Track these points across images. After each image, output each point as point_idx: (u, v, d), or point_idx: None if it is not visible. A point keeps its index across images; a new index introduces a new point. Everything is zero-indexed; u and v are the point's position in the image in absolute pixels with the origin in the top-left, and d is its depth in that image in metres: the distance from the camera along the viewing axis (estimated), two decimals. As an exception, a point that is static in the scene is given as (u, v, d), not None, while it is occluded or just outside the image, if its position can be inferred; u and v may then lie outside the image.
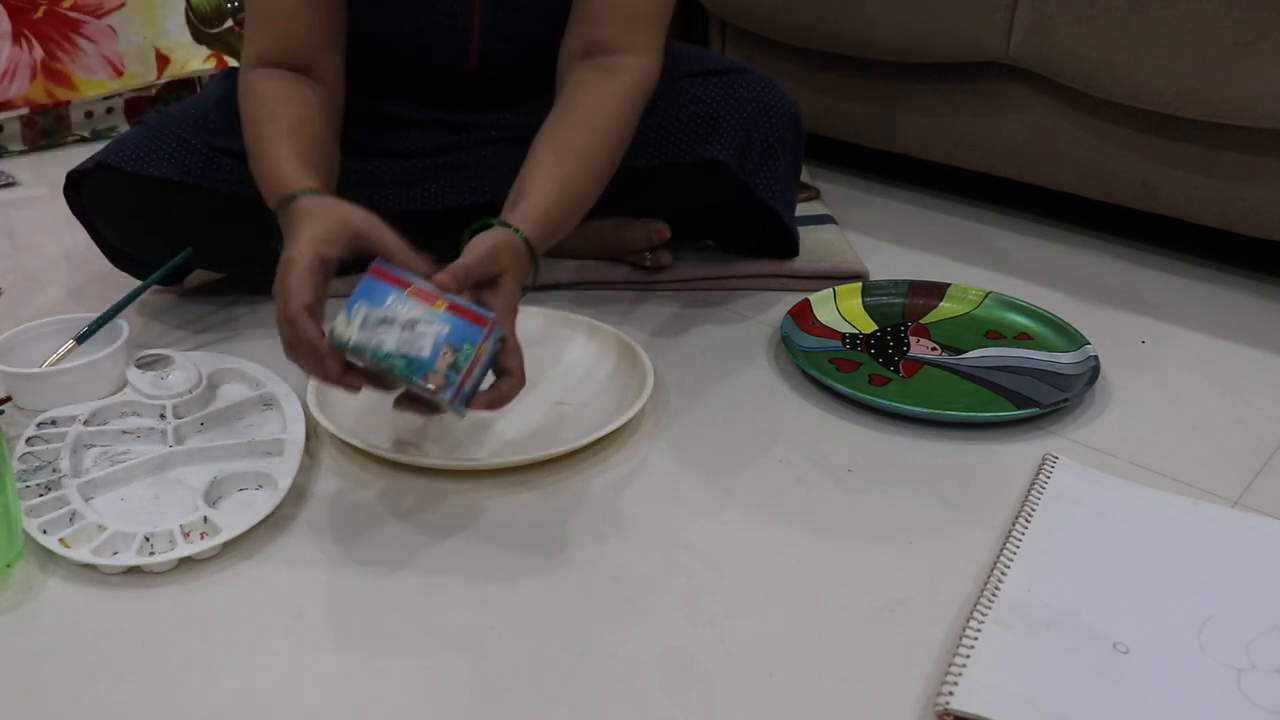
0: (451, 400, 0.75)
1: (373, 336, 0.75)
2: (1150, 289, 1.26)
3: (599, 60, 0.99)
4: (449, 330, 0.75)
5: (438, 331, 0.75)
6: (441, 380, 0.74)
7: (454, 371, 0.74)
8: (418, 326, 0.75)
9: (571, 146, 0.94)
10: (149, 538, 0.79)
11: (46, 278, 1.25)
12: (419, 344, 0.75)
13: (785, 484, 0.89)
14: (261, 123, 0.93)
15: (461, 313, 0.76)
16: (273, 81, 0.96)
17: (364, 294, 0.77)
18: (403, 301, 0.76)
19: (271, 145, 0.91)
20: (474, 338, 0.75)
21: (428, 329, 0.75)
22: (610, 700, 0.68)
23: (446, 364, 0.74)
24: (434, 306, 0.76)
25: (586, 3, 1.01)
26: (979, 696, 0.66)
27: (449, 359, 0.74)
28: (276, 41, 0.98)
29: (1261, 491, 0.89)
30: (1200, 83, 1.16)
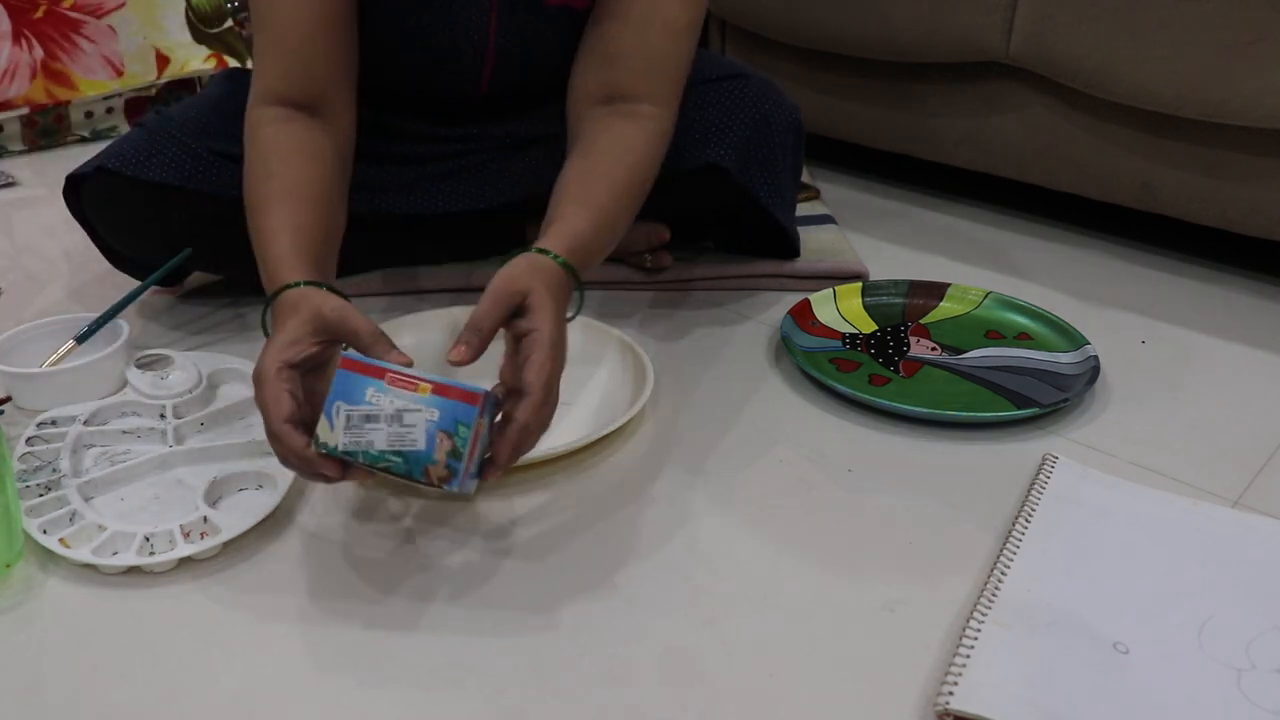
0: (457, 491, 0.70)
1: (360, 437, 0.70)
2: (1150, 289, 1.26)
3: (618, 107, 0.97)
4: (439, 415, 0.69)
5: (428, 419, 0.69)
6: (444, 472, 0.69)
7: (454, 459, 0.69)
8: (405, 417, 0.69)
9: (601, 176, 0.91)
10: (149, 538, 0.79)
11: (46, 278, 1.25)
12: (411, 436, 0.69)
13: (785, 484, 0.89)
14: (260, 183, 0.87)
15: (448, 393, 0.69)
16: (279, 128, 0.91)
17: (340, 393, 0.70)
18: (383, 392, 0.70)
19: (267, 217, 0.85)
20: (467, 418, 0.69)
21: (416, 418, 0.69)
22: (610, 700, 0.68)
23: (445, 452, 0.69)
24: (418, 392, 0.69)
25: (604, 44, 0.98)
26: (979, 696, 0.66)
27: (446, 446, 0.69)
28: (288, 73, 0.93)
29: (1261, 491, 0.89)
30: (1200, 83, 1.16)
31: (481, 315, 0.75)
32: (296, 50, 0.93)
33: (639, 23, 0.97)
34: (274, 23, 0.93)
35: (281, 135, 0.91)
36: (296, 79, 0.93)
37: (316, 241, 0.85)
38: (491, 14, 1.04)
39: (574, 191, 0.89)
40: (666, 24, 0.97)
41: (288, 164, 0.89)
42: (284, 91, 0.93)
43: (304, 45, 0.93)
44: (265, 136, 0.91)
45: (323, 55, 0.94)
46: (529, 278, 0.78)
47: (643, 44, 0.97)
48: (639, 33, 0.97)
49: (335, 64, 0.95)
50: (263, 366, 0.73)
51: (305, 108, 0.93)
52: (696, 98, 1.11)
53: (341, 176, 0.94)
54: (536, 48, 1.07)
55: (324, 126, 0.94)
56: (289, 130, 0.91)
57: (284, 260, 0.81)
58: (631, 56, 0.97)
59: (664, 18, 0.97)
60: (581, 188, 0.90)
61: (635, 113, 0.97)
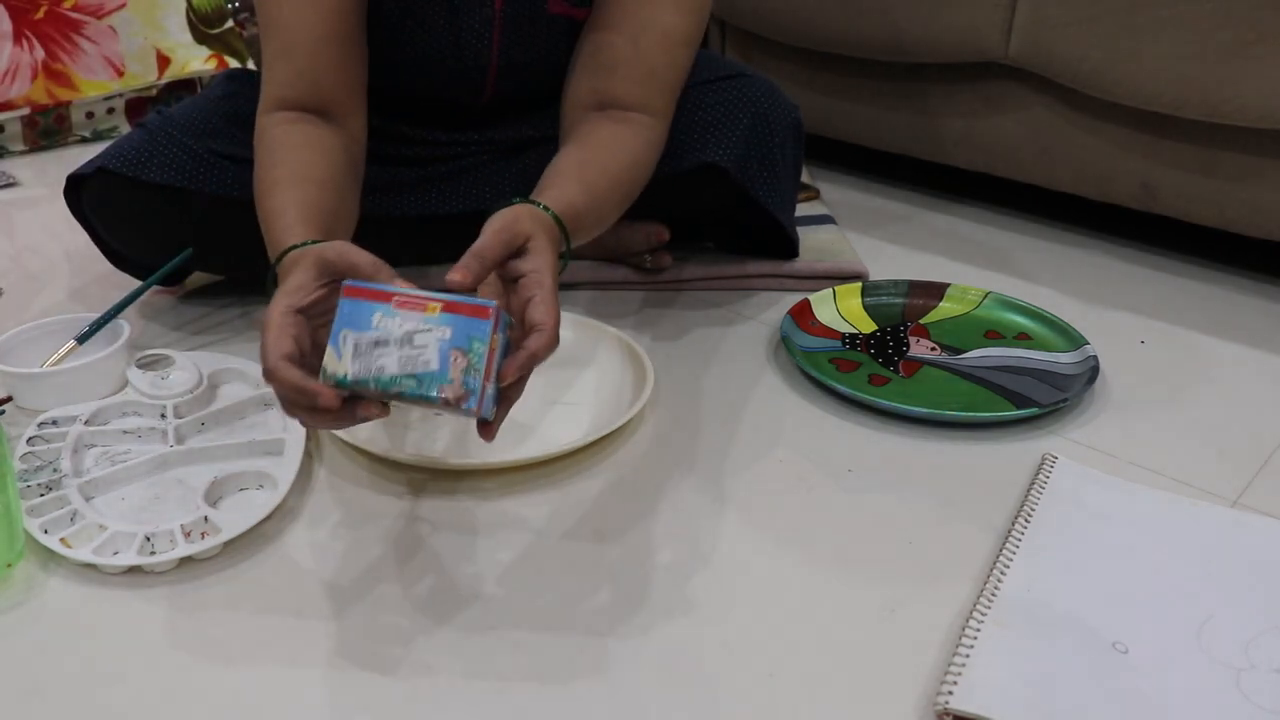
0: (477, 410, 0.67)
1: (370, 364, 0.66)
2: (1150, 289, 1.26)
3: (612, 113, 0.97)
4: (451, 332, 0.66)
5: (440, 337, 0.66)
6: (460, 391, 0.66)
7: (471, 376, 0.66)
8: (416, 339, 0.66)
9: (594, 162, 0.91)
10: (150, 537, 0.79)
11: (47, 278, 1.25)
12: (424, 357, 0.66)
13: (785, 484, 0.89)
14: (265, 171, 0.87)
15: (459, 309, 0.67)
16: (287, 127, 0.91)
17: (345, 320, 0.67)
18: (391, 315, 0.67)
19: (270, 198, 0.84)
20: (481, 333, 0.66)
21: (428, 338, 0.66)
22: (610, 700, 0.68)
23: (460, 370, 0.66)
24: (427, 311, 0.66)
25: (601, 52, 0.99)
26: (978, 696, 0.66)
27: (461, 364, 0.66)
28: (298, 80, 0.93)
29: (1260, 491, 0.89)
30: (1200, 83, 1.16)
31: (485, 245, 0.73)
32: (306, 59, 0.93)
33: (636, 33, 0.97)
34: (283, 31, 0.93)
35: (290, 132, 0.91)
36: (306, 86, 0.93)
37: (324, 216, 0.83)
38: (495, 23, 1.04)
39: (568, 171, 0.89)
40: (664, 35, 0.97)
41: (295, 153, 0.88)
42: (293, 98, 0.93)
43: (313, 54, 0.93)
44: (274, 135, 0.91)
45: (332, 63, 0.94)
46: (531, 222, 0.77)
47: (639, 54, 0.97)
48: (635, 43, 0.97)
49: (345, 71, 0.95)
50: (267, 312, 0.70)
51: (315, 113, 0.93)
52: (696, 98, 1.11)
53: (352, 171, 0.93)
54: (539, 55, 1.07)
55: (333, 128, 0.94)
56: (298, 128, 0.91)
57: (289, 230, 0.79)
58: (627, 66, 0.97)
59: (662, 29, 0.97)
60: (576, 168, 0.90)
61: (629, 119, 0.97)
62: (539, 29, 1.05)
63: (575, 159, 0.92)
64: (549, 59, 1.07)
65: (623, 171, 0.94)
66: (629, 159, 0.95)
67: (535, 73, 1.09)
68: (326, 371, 0.67)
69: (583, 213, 0.86)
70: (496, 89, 1.10)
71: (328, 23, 0.93)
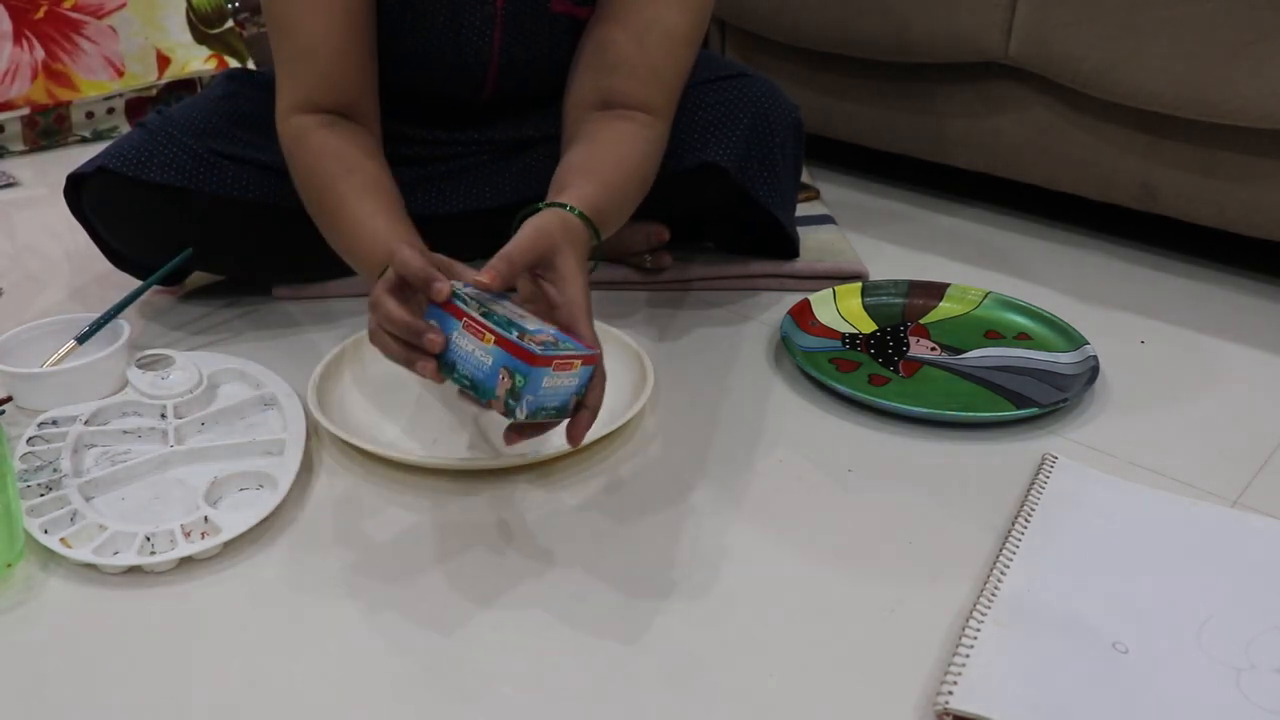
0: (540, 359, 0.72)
1: (485, 302, 0.76)
2: (1150, 289, 1.26)
3: (616, 112, 0.97)
4: (555, 333, 0.76)
5: (545, 326, 0.76)
6: (503, 409, 0.74)
7: (513, 399, 0.73)
8: (528, 320, 0.77)
9: (607, 160, 0.92)
10: (150, 537, 0.79)
11: (47, 278, 1.25)
12: (525, 320, 0.76)
13: (785, 484, 0.89)
14: (338, 180, 0.89)
15: (570, 334, 0.77)
16: (330, 132, 0.92)
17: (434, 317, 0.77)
18: (461, 336, 0.76)
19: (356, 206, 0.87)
20: (579, 348, 0.75)
21: (537, 323, 0.77)
22: (610, 700, 0.68)
23: (505, 390, 0.73)
24: (483, 340, 0.75)
25: (603, 51, 0.99)
26: (978, 696, 0.66)
27: (506, 384, 0.73)
28: (321, 83, 0.93)
29: (1261, 491, 0.89)
30: (1200, 83, 1.16)
31: (517, 250, 0.76)
32: (328, 63, 0.94)
33: (639, 31, 0.97)
34: (301, 36, 0.94)
35: (338, 138, 0.92)
36: (330, 90, 0.94)
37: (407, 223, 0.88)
38: (496, 22, 1.04)
39: (584, 169, 0.90)
40: (667, 34, 0.97)
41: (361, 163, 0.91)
42: (319, 101, 0.94)
43: (335, 57, 0.94)
44: (319, 141, 0.92)
45: (353, 66, 0.95)
46: (561, 232, 0.79)
47: (642, 53, 0.97)
48: (639, 42, 0.97)
49: (364, 73, 0.97)
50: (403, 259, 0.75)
51: (338, 114, 0.94)
52: (696, 97, 1.11)
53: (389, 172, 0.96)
54: (540, 54, 1.07)
55: (361, 129, 0.95)
56: (342, 133, 0.92)
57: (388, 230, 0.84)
58: (630, 65, 0.97)
59: (665, 27, 0.97)
60: (592, 165, 0.90)
61: (631, 117, 0.97)
62: (541, 27, 1.05)
63: (588, 156, 0.92)
64: (551, 57, 1.07)
65: (635, 168, 0.94)
66: (639, 155, 0.95)
67: (536, 71, 1.09)
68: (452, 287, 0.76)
69: (604, 209, 0.87)
70: (497, 86, 1.10)
71: (346, 26, 0.94)
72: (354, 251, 0.88)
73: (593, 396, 0.78)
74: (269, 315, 1.15)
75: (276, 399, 0.96)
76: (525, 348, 0.72)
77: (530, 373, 0.72)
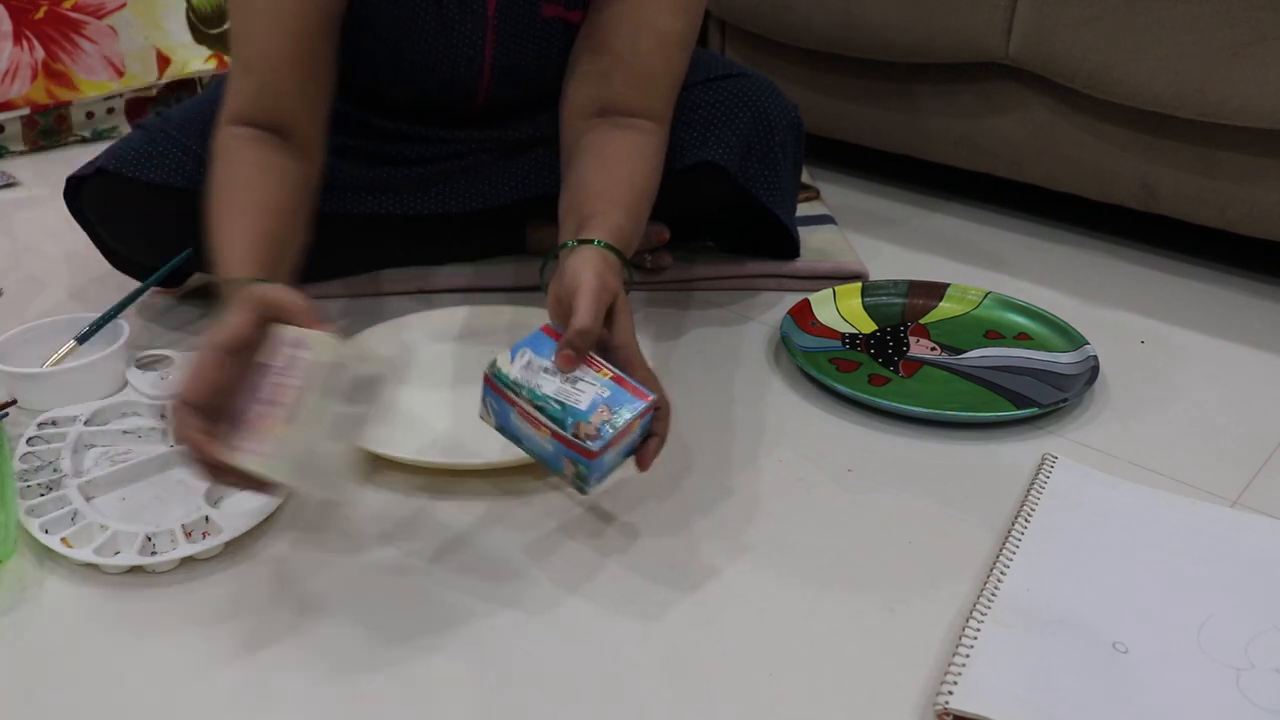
0: (597, 453, 0.73)
1: (532, 379, 0.76)
2: (1150, 289, 1.26)
3: (615, 120, 0.97)
4: (609, 395, 0.75)
5: (598, 393, 0.75)
6: (593, 430, 0.74)
7: (608, 426, 0.74)
8: (579, 384, 0.76)
9: (620, 180, 0.91)
10: (150, 537, 0.79)
11: (47, 278, 1.25)
12: (577, 396, 0.75)
13: (785, 484, 0.89)
14: (219, 191, 0.87)
15: (624, 384, 0.76)
16: (244, 145, 0.90)
17: (531, 344, 0.77)
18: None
19: (223, 224, 0.84)
20: (633, 408, 0.75)
21: (588, 388, 0.76)
22: (610, 700, 0.68)
23: (601, 419, 0.74)
24: (599, 373, 0.76)
25: (597, 57, 0.98)
26: (978, 696, 0.66)
27: (604, 416, 0.74)
28: (258, 95, 0.92)
29: (1260, 491, 0.89)
30: (1200, 83, 1.16)
31: (588, 319, 0.76)
32: (266, 74, 0.92)
33: (632, 36, 0.97)
34: (247, 45, 0.92)
35: (245, 151, 0.89)
36: (265, 102, 0.91)
37: (273, 247, 0.83)
38: (488, 29, 1.04)
39: (603, 193, 0.89)
40: (661, 38, 0.97)
41: (250, 177, 0.87)
42: (251, 114, 0.91)
43: (274, 71, 0.92)
44: (229, 151, 0.89)
45: (293, 85, 0.92)
46: (613, 278, 0.80)
47: (636, 58, 0.96)
48: (632, 47, 0.97)
49: (308, 89, 0.94)
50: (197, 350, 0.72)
51: (273, 131, 0.92)
52: (695, 97, 1.11)
53: (303, 196, 0.92)
54: (532, 60, 1.07)
55: (290, 151, 0.92)
56: (253, 148, 0.90)
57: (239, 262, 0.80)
58: (625, 71, 0.97)
59: (658, 31, 0.96)
60: (609, 189, 0.90)
61: (632, 125, 0.96)
62: (533, 32, 1.05)
63: (604, 179, 0.91)
64: (543, 62, 1.07)
65: (646, 184, 0.94)
66: (649, 170, 0.95)
67: (530, 75, 1.09)
68: (495, 365, 0.77)
69: (629, 236, 0.87)
70: (491, 93, 1.10)
71: (290, 43, 0.91)
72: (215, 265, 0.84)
73: (660, 426, 0.79)
74: (269, 315, 1.15)
75: (277, 399, 0.96)
76: (582, 445, 0.73)
77: (592, 464, 0.74)
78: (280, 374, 0.70)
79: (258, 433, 0.69)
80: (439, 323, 1.08)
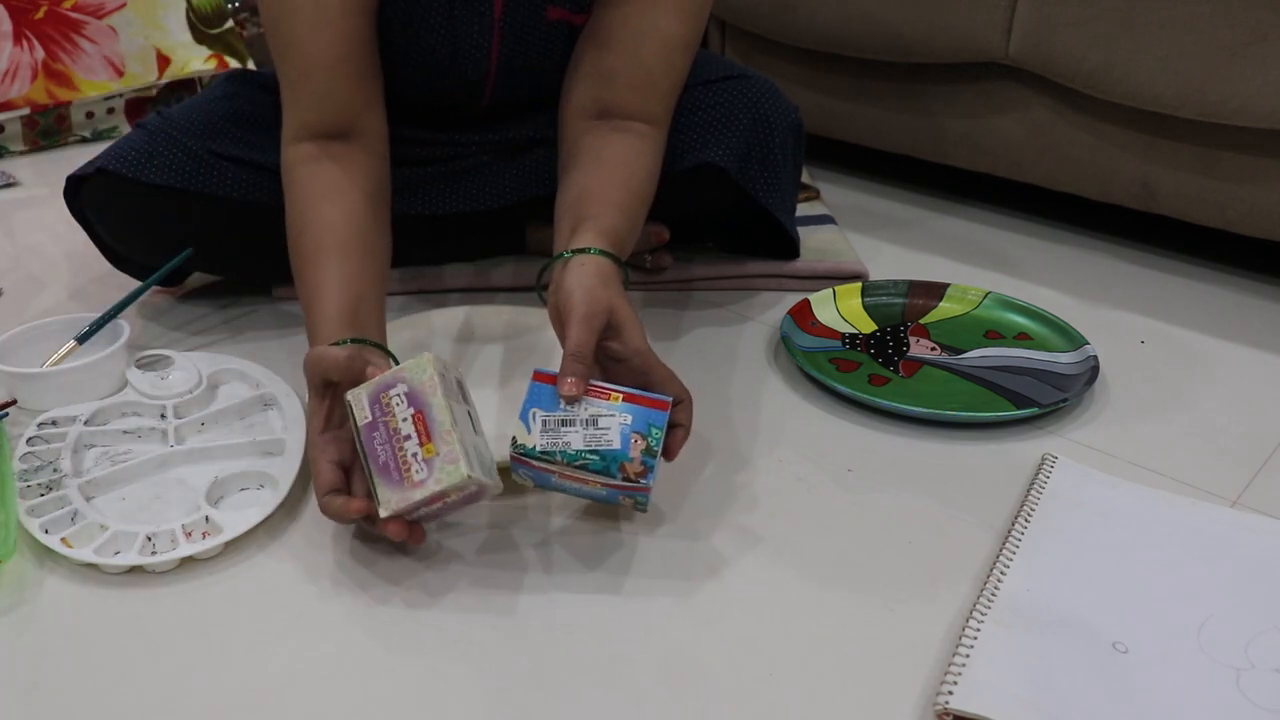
0: (650, 486, 0.74)
1: (558, 439, 0.75)
2: (1150, 289, 1.26)
3: (613, 123, 0.97)
4: (632, 419, 0.75)
5: (622, 422, 0.75)
6: (640, 468, 0.74)
7: (649, 456, 0.74)
8: (600, 421, 0.75)
9: (617, 182, 0.91)
10: (151, 537, 0.79)
11: (47, 278, 1.25)
12: (607, 437, 0.74)
13: (785, 484, 0.89)
14: (298, 235, 0.89)
15: (639, 401, 0.76)
16: (310, 170, 0.90)
17: (534, 401, 0.76)
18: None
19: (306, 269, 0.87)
20: (659, 422, 0.75)
21: (610, 422, 0.75)
22: (610, 700, 0.68)
23: (640, 450, 0.74)
24: (610, 399, 0.76)
25: (599, 59, 0.98)
26: (979, 696, 0.66)
27: (641, 445, 0.74)
28: (319, 103, 0.92)
29: (1260, 491, 0.89)
30: (1200, 83, 1.16)
31: (581, 343, 0.76)
32: (325, 83, 0.92)
33: (635, 39, 0.96)
34: (297, 56, 0.92)
35: (313, 179, 0.90)
36: (327, 110, 0.92)
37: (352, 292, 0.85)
38: (495, 31, 1.04)
39: (599, 196, 0.89)
40: (663, 41, 0.96)
41: (318, 211, 0.89)
42: (315, 125, 0.92)
43: (331, 75, 0.92)
44: (297, 180, 0.91)
45: (350, 81, 0.93)
46: (606, 292, 0.79)
47: (638, 62, 0.96)
48: (634, 50, 0.96)
49: (363, 86, 0.94)
50: (307, 444, 0.81)
51: (339, 136, 0.92)
52: (696, 98, 1.11)
53: (378, 205, 0.94)
54: (537, 61, 1.07)
55: (356, 155, 0.93)
56: (320, 171, 0.91)
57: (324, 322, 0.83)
58: (628, 74, 0.96)
59: (661, 35, 0.96)
60: (604, 191, 0.90)
61: (630, 128, 0.96)
62: (538, 35, 1.05)
63: (599, 181, 0.91)
64: (548, 64, 1.07)
65: (642, 186, 0.94)
66: (646, 173, 0.95)
67: (534, 77, 1.09)
68: (516, 442, 0.75)
69: (625, 237, 0.87)
70: (495, 94, 1.10)
71: (342, 46, 0.92)
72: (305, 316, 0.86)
73: (684, 416, 0.80)
74: (269, 315, 1.15)
75: (276, 399, 0.96)
76: (636, 484, 0.75)
77: (648, 496, 0.76)
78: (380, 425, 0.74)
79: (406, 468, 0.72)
80: (439, 323, 1.08)
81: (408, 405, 0.73)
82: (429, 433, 0.72)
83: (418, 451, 0.72)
